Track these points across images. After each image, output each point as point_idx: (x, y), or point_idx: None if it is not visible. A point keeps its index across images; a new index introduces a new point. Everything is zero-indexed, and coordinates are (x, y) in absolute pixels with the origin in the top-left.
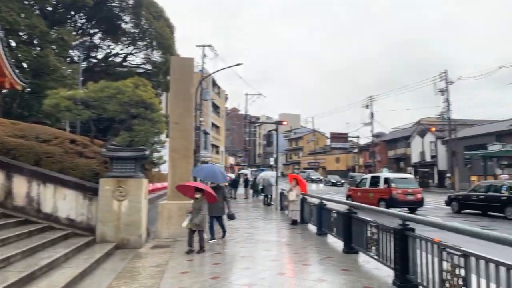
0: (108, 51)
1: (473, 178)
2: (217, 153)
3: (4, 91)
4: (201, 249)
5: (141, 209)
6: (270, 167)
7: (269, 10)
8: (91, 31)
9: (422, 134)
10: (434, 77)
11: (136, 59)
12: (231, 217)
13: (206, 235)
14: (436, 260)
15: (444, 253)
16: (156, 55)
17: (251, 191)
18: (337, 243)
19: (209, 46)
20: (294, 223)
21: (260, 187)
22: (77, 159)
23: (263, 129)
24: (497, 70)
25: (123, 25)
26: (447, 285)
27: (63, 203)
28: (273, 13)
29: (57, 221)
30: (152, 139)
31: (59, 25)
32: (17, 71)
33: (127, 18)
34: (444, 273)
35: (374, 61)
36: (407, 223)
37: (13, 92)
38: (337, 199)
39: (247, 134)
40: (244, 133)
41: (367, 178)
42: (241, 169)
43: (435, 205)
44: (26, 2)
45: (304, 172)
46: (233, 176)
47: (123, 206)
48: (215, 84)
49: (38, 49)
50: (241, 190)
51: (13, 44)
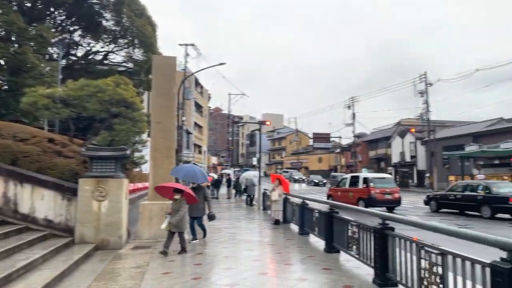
0: (88, 48)
1: (451, 178)
2: (200, 153)
3: None
4: (183, 250)
5: (122, 209)
6: (253, 167)
7: (252, 10)
8: (71, 28)
9: (402, 134)
10: (414, 79)
11: (117, 57)
12: (212, 217)
13: (187, 236)
14: (414, 258)
15: (422, 252)
16: (137, 54)
17: (233, 191)
18: (319, 243)
19: (192, 45)
20: (276, 223)
21: (243, 187)
22: (56, 158)
23: (246, 129)
24: (474, 72)
25: (104, 23)
26: (425, 283)
27: (41, 203)
28: (255, 12)
29: (34, 222)
30: (133, 138)
31: (38, 22)
32: None
33: (108, 15)
34: (422, 271)
35: (356, 61)
36: (387, 222)
37: None
38: (319, 199)
39: (230, 134)
40: (227, 132)
41: (347, 178)
42: (224, 169)
43: (414, 205)
44: None
45: (286, 172)
46: (215, 176)
47: (103, 206)
48: (198, 83)
49: (16, 46)
50: (223, 190)
51: None
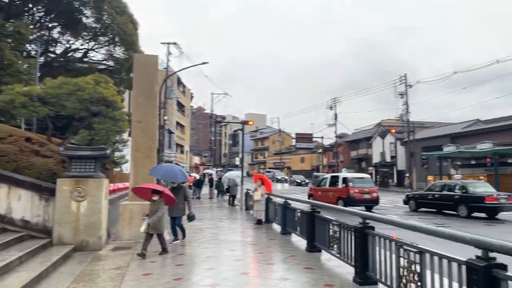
0: (67, 46)
1: (430, 177)
2: (182, 152)
3: None
4: (164, 251)
5: (101, 210)
6: (236, 166)
7: (236, 10)
8: (50, 25)
9: (382, 135)
10: (394, 80)
11: (97, 55)
12: (191, 218)
13: (168, 236)
14: (394, 257)
15: (401, 250)
16: (118, 52)
17: (216, 191)
18: (300, 242)
19: (174, 43)
20: (259, 222)
21: (225, 187)
22: (33, 158)
23: (229, 128)
24: (452, 75)
25: (84, 20)
26: (404, 280)
27: (18, 204)
28: (239, 13)
29: (11, 223)
30: (113, 138)
31: (15, 18)
32: None
33: (88, 12)
34: (401, 269)
35: (337, 62)
36: (367, 221)
37: None
38: (301, 198)
39: (213, 133)
40: (209, 132)
41: (327, 178)
42: (206, 168)
43: (394, 204)
44: None
45: (269, 172)
46: (197, 176)
47: (82, 207)
48: (180, 82)
49: None
50: (205, 190)
51: None
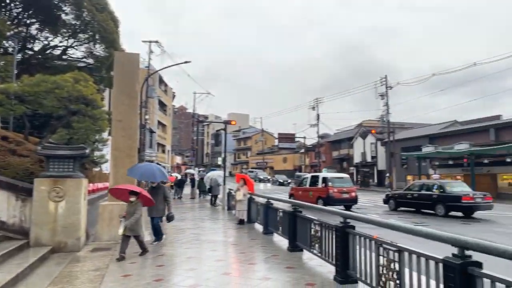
0: (46, 43)
1: (409, 177)
2: (163, 152)
3: None
4: (144, 251)
5: (80, 210)
6: (218, 166)
7: (218, 10)
8: (28, 21)
9: (363, 135)
10: (375, 82)
11: (77, 53)
12: (170, 218)
13: (150, 237)
14: (373, 255)
15: (381, 249)
16: (99, 49)
17: (197, 191)
18: (282, 242)
19: (156, 42)
20: (241, 222)
21: (207, 187)
22: (9, 157)
23: (212, 128)
24: (431, 77)
25: (63, 16)
26: (383, 279)
27: None
28: (221, 13)
29: None
30: (93, 137)
31: None
32: None
33: (67, 9)
34: (380, 268)
35: (319, 63)
36: (348, 220)
37: None
38: (284, 198)
39: (195, 133)
40: (192, 132)
41: (307, 177)
42: (188, 168)
43: (374, 203)
44: None
45: (252, 171)
46: (179, 176)
47: (60, 207)
48: (162, 81)
49: None
50: (187, 190)
51: None
